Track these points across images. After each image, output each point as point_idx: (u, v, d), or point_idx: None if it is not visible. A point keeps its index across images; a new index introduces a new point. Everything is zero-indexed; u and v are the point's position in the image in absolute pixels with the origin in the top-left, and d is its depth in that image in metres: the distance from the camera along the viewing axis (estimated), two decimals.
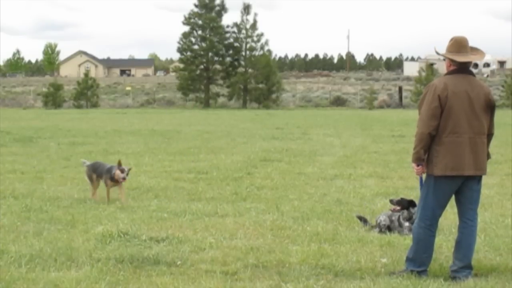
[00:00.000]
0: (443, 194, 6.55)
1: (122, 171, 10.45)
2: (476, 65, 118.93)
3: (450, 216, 9.49)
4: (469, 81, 6.55)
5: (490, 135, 6.73)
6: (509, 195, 11.45)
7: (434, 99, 6.42)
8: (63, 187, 12.29)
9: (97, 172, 10.84)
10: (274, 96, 67.40)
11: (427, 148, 6.48)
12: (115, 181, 10.53)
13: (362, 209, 10.07)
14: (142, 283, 6.37)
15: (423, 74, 65.17)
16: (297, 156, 17.82)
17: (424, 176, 6.66)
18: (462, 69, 6.58)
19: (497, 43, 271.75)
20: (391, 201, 8.74)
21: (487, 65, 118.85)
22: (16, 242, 7.81)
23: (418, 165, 6.55)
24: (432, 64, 70.49)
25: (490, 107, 6.63)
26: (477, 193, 6.68)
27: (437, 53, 6.87)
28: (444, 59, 6.76)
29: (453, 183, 6.52)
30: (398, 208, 8.55)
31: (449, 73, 6.61)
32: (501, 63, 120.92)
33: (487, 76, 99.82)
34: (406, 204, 8.57)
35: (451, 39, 6.66)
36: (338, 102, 70.44)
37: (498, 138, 24.17)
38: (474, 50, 6.71)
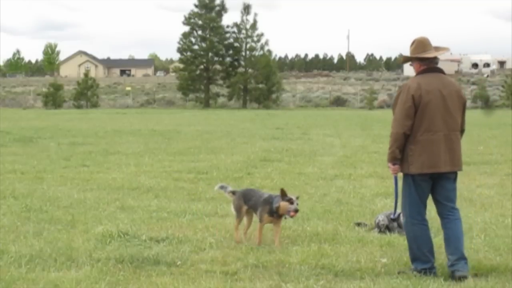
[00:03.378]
0: (423, 190, 6.69)
1: (291, 201, 7.72)
2: (476, 65, 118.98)
3: None
4: (441, 79, 6.73)
5: (462, 131, 6.90)
6: (509, 195, 11.44)
7: (407, 99, 6.58)
8: (63, 187, 12.28)
9: (249, 203, 8.09)
10: (274, 96, 67.48)
11: (402, 148, 6.62)
12: (275, 217, 7.83)
13: (362, 209, 10.06)
14: (142, 283, 6.37)
15: None
16: (297, 156, 17.82)
17: (399, 175, 6.82)
18: (432, 68, 6.77)
19: (497, 43, 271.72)
20: None
21: (487, 65, 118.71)
22: (16, 242, 7.81)
23: (394, 164, 6.70)
24: None
25: (462, 104, 6.82)
26: (454, 192, 6.82)
27: (404, 57, 7.01)
28: (411, 65, 6.93)
29: (429, 180, 6.67)
30: None
31: (420, 72, 6.77)
32: (501, 63, 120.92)
33: (487, 76, 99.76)
34: None
35: (413, 42, 6.85)
36: (338, 102, 70.49)
37: (498, 138, 24.23)
38: (437, 47, 6.88)
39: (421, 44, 6.77)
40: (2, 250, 7.38)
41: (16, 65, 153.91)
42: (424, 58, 6.74)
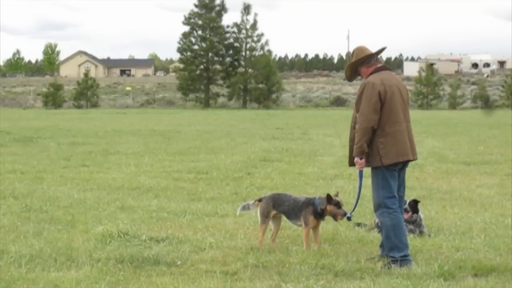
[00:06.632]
0: (396, 180, 7.01)
1: (339, 206, 7.54)
2: (476, 65, 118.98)
3: (450, 216, 9.52)
4: (394, 76, 7.16)
5: None
6: (509, 195, 11.44)
7: (373, 94, 6.87)
8: (63, 187, 12.28)
9: (281, 208, 7.65)
10: (274, 96, 67.47)
11: (369, 142, 6.89)
12: (318, 218, 7.57)
13: (362, 209, 10.05)
14: (142, 283, 6.37)
15: (423, 74, 65.18)
16: (297, 156, 17.82)
17: (364, 170, 7.12)
18: (382, 66, 7.11)
19: (497, 43, 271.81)
20: (405, 210, 8.58)
21: (487, 65, 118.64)
22: (16, 242, 7.81)
23: (361, 159, 6.96)
24: (432, 64, 70.45)
25: (408, 98, 7.31)
26: (404, 182, 7.20)
27: (350, 65, 7.22)
28: (359, 74, 7.22)
29: (398, 170, 7.00)
30: (411, 213, 8.46)
31: (374, 72, 7.05)
32: (501, 63, 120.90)
33: (487, 76, 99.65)
34: (414, 205, 8.46)
35: (352, 52, 7.23)
36: (338, 102, 70.48)
37: (498, 138, 24.21)
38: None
39: (360, 50, 7.15)
40: (2, 250, 7.38)
41: (16, 65, 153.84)
42: (369, 60, 7.06)
